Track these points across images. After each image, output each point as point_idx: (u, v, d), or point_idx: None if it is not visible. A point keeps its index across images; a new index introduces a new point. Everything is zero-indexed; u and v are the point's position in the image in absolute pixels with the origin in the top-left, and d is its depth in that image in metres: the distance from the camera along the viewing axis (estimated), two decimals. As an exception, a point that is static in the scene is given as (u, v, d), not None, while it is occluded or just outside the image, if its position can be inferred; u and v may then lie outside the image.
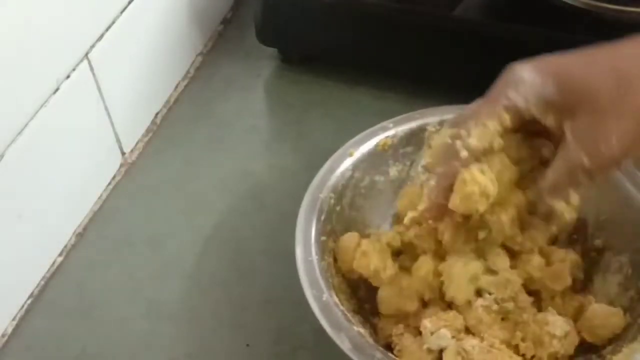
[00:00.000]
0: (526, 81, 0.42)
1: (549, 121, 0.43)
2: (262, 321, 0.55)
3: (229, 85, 0.74)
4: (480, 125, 0.43)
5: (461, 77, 0.66)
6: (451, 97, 0.66)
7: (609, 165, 0.42)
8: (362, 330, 0.46)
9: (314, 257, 0.49)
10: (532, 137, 0.46)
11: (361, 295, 0.51)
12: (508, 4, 0.65)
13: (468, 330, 0.47)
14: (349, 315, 0.47)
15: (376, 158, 0.56)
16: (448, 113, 0.56)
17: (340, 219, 0.54)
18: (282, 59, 0.75)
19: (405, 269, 0.50)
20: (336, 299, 0.47)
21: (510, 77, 0.43)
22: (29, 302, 0.57)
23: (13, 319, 0.56)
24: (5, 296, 0.55)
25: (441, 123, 0.56)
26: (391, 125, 0.57)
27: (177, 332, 0.55)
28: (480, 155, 0.44)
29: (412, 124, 0.57)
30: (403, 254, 0.51)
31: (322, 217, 0.52)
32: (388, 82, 0.70)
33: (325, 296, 0.47)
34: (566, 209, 0.44)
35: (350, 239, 0.51)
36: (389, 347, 0.48)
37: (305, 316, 0.54)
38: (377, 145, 0.56)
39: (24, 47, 0.51)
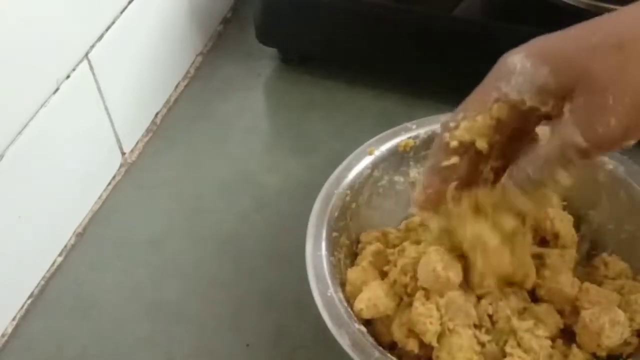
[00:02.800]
0: (518, 71, 0.40)
1: (549, 108, 0.40)
2: (262, 321, 0.55)
3: (229, 85, 0.74)
4: (470, 119, 0.42)
5: (460, 77, 0.66)
6: (450, 98, 0.66)
7: (607, 146, 0.39)
8: (363, 328, 0.46)
9: (323, 252, 0.49)
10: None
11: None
12: (508, 4, 0.65)
13: None
14: (351, 312, 0.47)
15: (397, 158, 0.56)
16: None
17: (355, 216, 0.54)
18: (282, 59, 0.75)
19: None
20: (341, 296, 0.47)
21: (502, 68, 0.41)
22: (28, 302, 0.57)
23: (13, 319, 0.56)
24: (5, 296, 0.55)
25: None
26: (414, 126, 0.56)
27: (177, 332, 0.55)
28: (467, 146, 0.43)
29: (435, 127, 0.55)
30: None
31: (336, 214, 0.52)
32: (388, 82, 0.70)
33: (330, 292, 0.47)
34: (555, 189, 0.41)
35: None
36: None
37: (304, 316, 0.54)
38: (398, 146, 0.55)
39: (24, 47, 0.51)
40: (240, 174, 0.65)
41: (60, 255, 0.60)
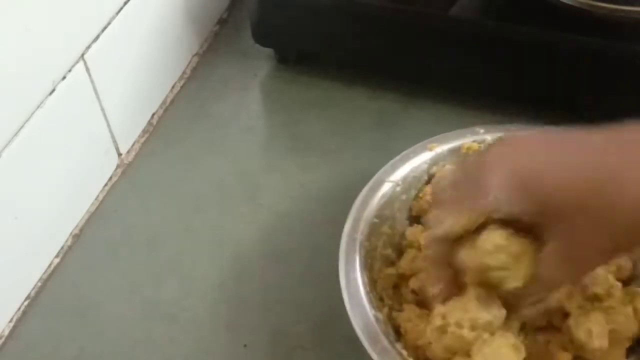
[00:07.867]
0: (497, 197, 0.40)
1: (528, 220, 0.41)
2: (260, 322, 0.55)
3: (225, 85, 0.74)
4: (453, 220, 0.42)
5: (457, 77, 0.66)
6: (446, 97, 0.67)
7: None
8: (379, 315, 0.47)
9: (359, 235, 0.50)
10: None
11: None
12: (504, 4, 0.65)
13: None
14: (372, 297, 0.48)
15: (458, 159, 0.55)
16: None
17: (403, 207, 0.54)
18: (278, 59, 0.75)
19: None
20: (366, 279, 0.48)
21: (482, 187, 0.41)
22: (25, 303, 0.57)
23: (10, 321, 0.56)
24: (2, 298, 0.55)
25: None
26: (482, 130, 0.56)
27: (175, 333, 0.55)
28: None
29: (503, 135, 0.55)
30: None
31: (383, 201, 0.52)
32: (384, 82, 0.70)
33: (355, 274, 0.48)
34: None
35: None
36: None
37: (302, 316, 0.54)
38: (461, 147, 0.55)
39: (20, 48, 0.51)
40: (236, 174, 0.65)
41: (57, 256, 0.60)
